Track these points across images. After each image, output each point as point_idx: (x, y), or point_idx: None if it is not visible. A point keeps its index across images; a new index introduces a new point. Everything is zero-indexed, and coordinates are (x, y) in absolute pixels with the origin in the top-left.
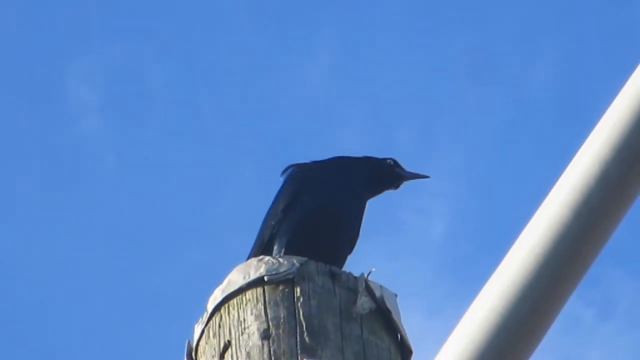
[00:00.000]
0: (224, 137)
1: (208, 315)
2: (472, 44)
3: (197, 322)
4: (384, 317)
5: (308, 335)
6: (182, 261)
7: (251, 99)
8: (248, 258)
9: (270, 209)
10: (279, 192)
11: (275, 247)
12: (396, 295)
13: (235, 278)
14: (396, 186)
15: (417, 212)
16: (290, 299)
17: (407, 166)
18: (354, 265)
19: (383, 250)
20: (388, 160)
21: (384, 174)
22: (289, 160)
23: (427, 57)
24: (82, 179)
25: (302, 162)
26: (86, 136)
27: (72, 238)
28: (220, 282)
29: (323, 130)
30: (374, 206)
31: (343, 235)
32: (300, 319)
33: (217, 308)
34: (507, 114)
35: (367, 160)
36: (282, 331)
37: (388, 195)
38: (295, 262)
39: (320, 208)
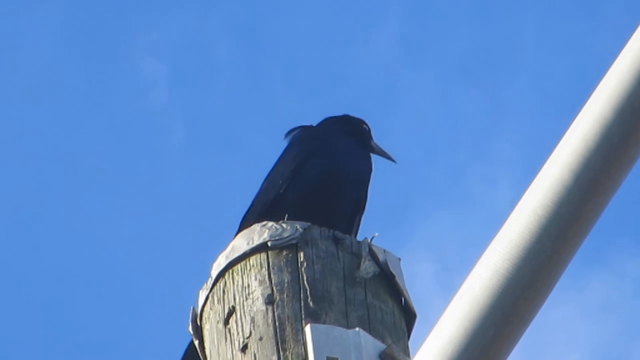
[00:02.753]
0: (292, 108)
1: (212, 281)
2: (540, 10)
3: (201, 288)
4: (387, 281)
5: (312, 300)
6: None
7: (319, 69)
8: (246, 215)
9: (275, 169)
10: (286, 153)
11: (282, 207)
12: (399, 259)
13: (239, 244)
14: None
15: (483, 181)
16: (294, 264)
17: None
18: (420, 234)
19: (451, 220)
20: (364, 126)
21: (362, 139)
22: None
23: (495, 24)
24: (151, 151)
25: (306, 125)
26: (155, 108)
27: (140, 208)
28: (224, 248)
29: (391, 99)
30: (440, 175)
31: (351, 197)
32: (304, 284)
33: (221, 274)
34: (575, 79)
35: (350, 120)
36: (287, 296)
37: (454, 163)
38: (298, 227)
39: (331, 171)
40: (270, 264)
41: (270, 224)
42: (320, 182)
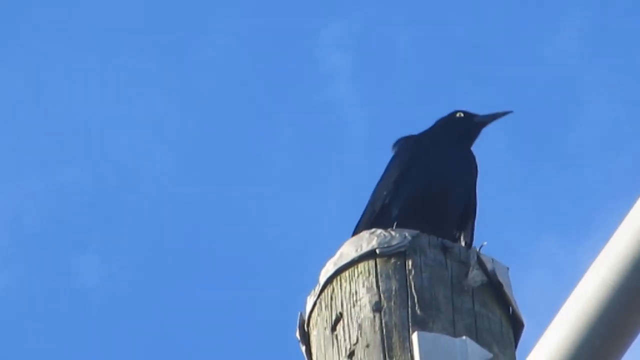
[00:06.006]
0: (475, 102)
1: (320, 287)
2: None
3: (309, 294)
4: (495, 290)
5: (420, 307)
6: None
7: (501, 67)
8: (357, 226)
9: (382, 180)
10: (390, 163)
11: (388, 218)
12: (508, 269)
13: (347, 251)
14: (475, 134)
15: None
16: (402, 271)
17: None
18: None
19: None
20: (457, 114)
21: (463, 130)
22: (542, 131)
23: None
24: (333, 144)
25: (410, 134)
26: (337, 101)
27: (319, 200)
28: (332, 254)
29: (574, 99)
30: (619, 171)
31: (458, 202)
32: (412, 292)
33: (329, 280)
34: None
35: (444, 124)
36: (394, 303)
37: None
38: (407, 235)
39: (433, 178)
40: (378, 271)
41: (378, 231)
42: (423, 190)
